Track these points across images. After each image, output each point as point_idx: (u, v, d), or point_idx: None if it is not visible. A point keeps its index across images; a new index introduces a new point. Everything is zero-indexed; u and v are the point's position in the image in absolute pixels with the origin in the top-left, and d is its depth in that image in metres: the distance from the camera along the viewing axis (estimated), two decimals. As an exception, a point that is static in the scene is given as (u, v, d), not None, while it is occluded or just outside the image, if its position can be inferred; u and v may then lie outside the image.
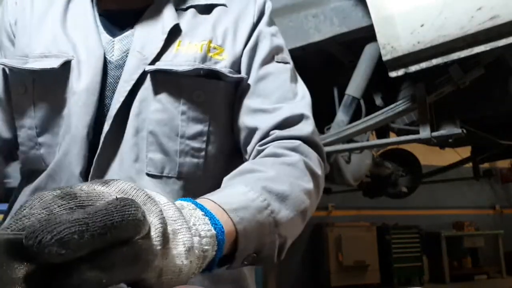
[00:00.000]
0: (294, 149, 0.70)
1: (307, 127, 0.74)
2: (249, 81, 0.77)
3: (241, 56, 0.78)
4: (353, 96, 1.90)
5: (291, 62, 0.84)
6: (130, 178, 0.70)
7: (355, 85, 1.88)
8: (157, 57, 0.74)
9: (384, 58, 1.53)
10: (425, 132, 1.73)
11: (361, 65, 1.86)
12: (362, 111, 1.96)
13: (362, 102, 1.94)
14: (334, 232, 6.20)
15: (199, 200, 0.51)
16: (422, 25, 1.44)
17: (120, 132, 0.72)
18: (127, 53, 0.75)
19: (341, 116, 1.94)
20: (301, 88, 0.82)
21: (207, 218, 0.47)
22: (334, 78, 2.17)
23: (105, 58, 0.74)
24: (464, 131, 1.77)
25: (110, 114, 0.71)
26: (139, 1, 0.81)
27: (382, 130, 2.59)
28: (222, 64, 0.76)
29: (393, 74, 1.55)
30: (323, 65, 2.11)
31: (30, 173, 0.77)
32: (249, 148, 0.75)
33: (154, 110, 0.72)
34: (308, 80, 2.26)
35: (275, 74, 0.79)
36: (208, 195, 0.55)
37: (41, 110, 0.74)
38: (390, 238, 6.46)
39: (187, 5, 0.81)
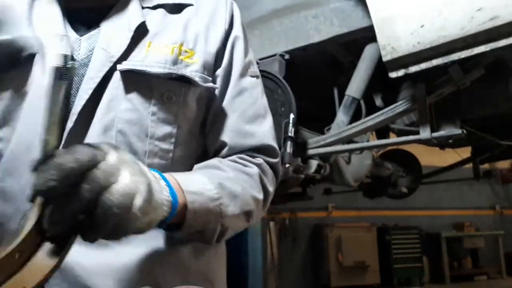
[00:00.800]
0: (256, 165, 0.81)
1: (275, 158, 0.85)
2: (226, 96, 0.82)
3: (212, 61, 0.80)
4: (353, 96, 1.90)
5: (259, 74, 0.90)
6: None
7: (355, 86, 1.88)
8: (125, 56, 0.74)
9: (384, 59, 1.53)
10: (425, 133, 1.73)
11: (361, 66, 1.86)
12: (362, 112, 1.96)
13: (362, 102, 1.94)
14: (334, 232, 6.20)
15: (166, 175, 0.64)
16: (422, 26, 1.44)
17: (85, 129, 0.71)
18: (92, 52, 0.74)
19: (341, 116, 1.94)
20: (266, 103, 0.89)
21: (167, 187, 0.62)
22: (334, 78, 2.17)
23: (72, 57, 0.73)
24: (464, 131, 1.77)
25: (74, 111, 0.70)
26: (105, 1, 0.80)
27: (382, 130, 2.59)
28: (193, 67, 0.77)
29: (393, 74, 1.55)
30: (323, 66, 2.11)
31: None
32: (217, 155, 0.82)
33: (124, 109, 0.72)
34: (309, 81, 2.27)
35: (249, 90, 0.85)
36: (175, 174, 0.67)
37: (2, 102, 0.72)
38: (390, 239, 6.46)
39: (154, 3, 0.81)
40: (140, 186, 0.54)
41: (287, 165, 1.76)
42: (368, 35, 1.69)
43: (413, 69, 1.51)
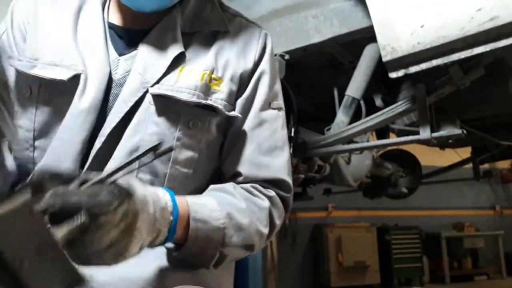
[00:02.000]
0: (268, 197, 0.81)
1: (288, 192, 0.85)
2: (245, 126, 0.83)
3: (236, 91, 0.82)
4: (353, 97, 1.90)
5: (283, 107, 0.90)
6: None
7: (355, 86, 1.88)
8: (159, 80, 0.76)
9: (384, 59, 1.53)
10: (425, 133, 1.73)
11: (361, 66, 1.86)
12: (362, 112, 1.96)
13: (362, 102, 1.94)
14: (334, 232, 6.20)
15: (177, 198, 0.68)
16: (422, 26, 1.44)
17: (111, 150, 0.73)
18: (129, 73, 0.76)
19: (341, 116, 1.94)
20: (286, 132, 0.89)
21: (171, 217, 0.65)
22: (334, 78, 2.17)
23: (110, 76, 0.77)
24: (464, 131, 1.77)
25: (103, 132, 0.73)
26: (146, 21, 0.82)
27: (382, 130, 2.59)
28: (219, 95, 0.79)
29: (393, 75, 1.55)
30: (323, 66, 2.11)
31: (20, 172, 0.79)
32: (228, 179, 0.84)
33: (151, 133, 0.74)
34: (309, 81, 2.26)
35: (269, 122, 0.85)
36: (188, 197, 0.71)
37: (42, 115, 0.76)
38: (390, 239, 6.46)
39: (193, 30, 0.83)
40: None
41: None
42: (368, 35, 1.69)
43: (413, 69, 1.51)
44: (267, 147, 0.84)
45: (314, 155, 2.07)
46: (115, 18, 0.83)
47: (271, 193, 0.82)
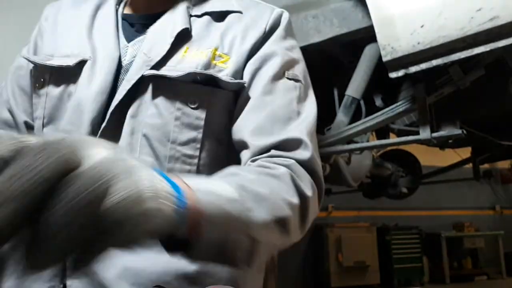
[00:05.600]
0: (285, 166, 0.66)
1: (305, 153, 0.71)
2: (255, 94, 0.75)
3: (244, 64, 0.76)
4: (353, 96, 1.90)
5: (304, 79, 0.81)
6: None
7: (355, 86, 1.88)
8: (163, 61, 0.75)
9: (384, 59, 1.53)
10: (425, 133, 1.73)
11: (361, 66, 1.86)
12: (362, 112, 1.96)
13: (362, 102, 1.94)
14: (334, 232, 6.20)
15: (169, 174, 0.47)
16: (422, 26, 1.44)
17: (118, 130, 0.73)
18: (135, 57, 0.77)
19: (341, 117, 1.94)
20: (309, 107, 0.78)
21: (169, 184, 0.44)
22: (334, 78, 2.17)
23: (120, 62, 0.78)
24: (464, 132, 1.77)
25: (109, 112, 0.73)
26: (156, 7, 0.83)
27: (382, 131, 2.59)
28: (225, 72, 0.75)
29: (393, 75, 1.55)
30: (323, 66, 2.11)
31: None
32: (242, 161, 0.73)
33: (150, 115, 0.73)
34: (308, 81, 2.23)
35: (283, 92, 0.76)
36: (182, 176, 0.51)
37: (50, 102, 0.78)
38: (390, 239, 6.46)
39: (203, 11, 0.81)
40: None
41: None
42: (368, 35, 1.69)
43: (413, 69, 1.51)
44: (281, 116, 0.73)
45: (314, 155, 2.07)
46: (130, 9, 0.86)
47: (289, 161, 0.68)
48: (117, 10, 0.85)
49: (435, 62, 1.47)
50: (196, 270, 0.66)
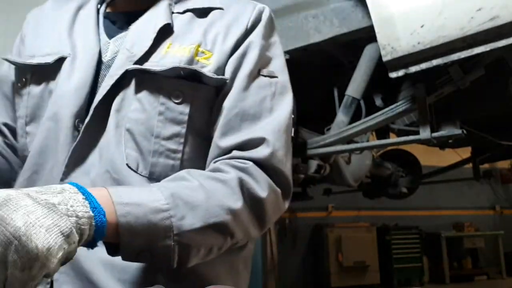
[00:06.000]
0: (239, 168, 0.69)
1: (264, 150, 0.72)
2: (232, 91, 0.76)
3: (226, 61, 0.77)
4: (353, 96, 1.90)
5: (282, 76, 0.82)
6: (107, 171, 0.72)
7: (355, 86, 1.88)
8: (146, 57, 0.75)
9: (384, 59, 1.53)
10: (425, 133, 1.73)
11: (361, 66, 1.86)
12: (362, 112, 1.96)
13: (362, 102, 1.94)
14: (334, 232, 6.20)
15: (92, 189, 0.56)
16: (422, 26, 1.44)
17: (102, 125, 0.74)
18: (117, 53, 0.77)
19: (341, 116, 1.94)
20: (283, 104, 0.79)
21: (87, 201, 0.52)
22: (334, 78, 2.17)
23: (100, 59, 0.78)
24: (464, 131, 1.77)
25: (92, 106, 0.74)
26: (138, 5, 0.83)
27: (382, 130, 2.59)
28: (207, 68, 0.75)
29: (393, 74, 1.55)
30: (323, 66, 2.11)
31: (23, 161, 0.81)
32: (207, 161, 0.75)
33: (134, 109, 0.74)
34: (309, 81, 2.26)
35: (256, 89, 0.77)
36: (109, 186, 0.59)
37: (32, 100, 0.80)
38: (390, 239, 6.46)
39: (185, 8, 0.82)
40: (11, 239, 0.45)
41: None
42: (368, 35, 1.69)
43: (413, 69, 1.51)
44: (251, 114, 0.74)
45: (314, 155, 2.07)
46: (112, 7, 0.87)
47: (247, 163, 0.69)
48: (98, 9, 0.87)
49: (435, 62, 1.47)
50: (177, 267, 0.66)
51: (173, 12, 0.81)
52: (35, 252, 0.45)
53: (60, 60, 0.78)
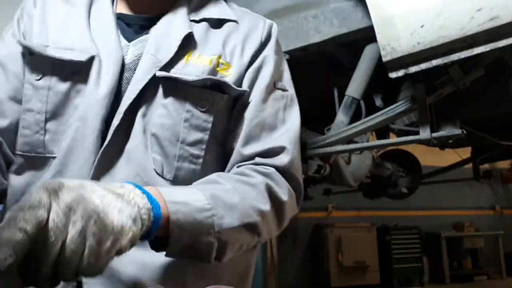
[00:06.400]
0: (264, 174, 0.76)
1: (285, 158, 0.80)
2: (251, 102, 0.82)
3: (244, 73, 0.83)
4: (353, 97, 1.90)
5: (290, 89, 0.90)
6: (138, 174, 0.74)
7: (355, 86, 1.88)
8: (170, 63, 0.78)
9: (384, 59, 1.53)
10: (425, 133, 1.73)
11: (361, 66, 1.86)
12: (362, 112, 1.95)
13: (362, 103, 1.94)
14: (334, 232, 6.20)
15: (147, 188, 0.60)
16: (422, 26, 1.44)
17: (129, 129, 0.76)
18: (139, 57, 0.79)
19: (341, 117, 1.93)
20: (293, 115, 0.87)
21: (145, 195, 0.57)
22: (334, 78, 2.17)
23: (123, 60, 0.79)
24: (464, 132, 1.77)
25: (120, 110, 0.75)
26: (154, 9, 0.85)
27: (382, 131, 2.59)
28: (227, 79, 0.80)
29: (393, 75, 1.55)
30: (323, 66, 2.11)
31: (29, 158, 0.78)
32: (228, 166, 0.81)
33: (159, 115, 0.76)
34: (309, 81, 2.27)
35: (272, 102, 0.84)
36: (160, 187, 0.64)
37: (56, 97, 0.78)
38: (390, 239, 6.46)
39: (200, 17, 0.85)
40: (72, 217, 0.49)
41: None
42: (368, 35, 1.69)
43: (413, 69, 1.51)
44: (269, 124, 0.82)
45: (314, 155, 2.07)
46: (123, 8, 0.87)
47: (269, 169, 0.77)
48: (112, 9, 0.86)
49: (435, 62, 1.47)
50: (203, 266, 0.71)
51: (190, 20, 0.84)
52: (111, 227, 0.51)
53: (91, 60, 0.77)
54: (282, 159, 0.79)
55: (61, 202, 0.49)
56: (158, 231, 0.59)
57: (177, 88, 0.77)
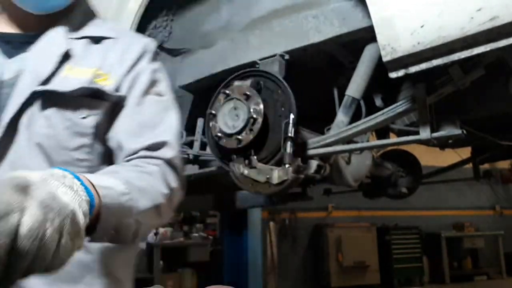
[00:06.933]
0: (155, 164, 0.85)
1: (169, 151, 0.90)
2: (129, 105, 0.92)
3: (122, 81, 0.91)
4: (353, 97, 1.89)
5: (167, 94, 1.00)
6: None
7: (355, 86, 1.88)
8: (50, 78, 0.85)
9: (384, 59, 1.53)
10: (425, 133, 1.73)
11: (361, 66, 1.86)
12: (362, 112, 1.95)
13: (362, 103, 1.93)
14: (334, 232, 6.21)
15: (78, 174, 0.64)
16: (422, 26, 1.44)
17: (11, 140, 0.82)
18: (19, 73, 0.85)
19: (341, 117, 1.93)
20: (172, 117, 0.96)
21: (82, 186, 0.61)
22: (334, 79, 2.16)
23: None
24: (464, 132, 1.77)
25: (2, 124, 0.81)
26: (34, 27, 0.92)
27: (382, 131, 2.58)
28: (106, 88, 0.89)
29: (393, 75, 1.55)
30: (323, 66, 2.11)
31: None
32: (116, 161, 0.90)
33: (42, 125, 0.83)
34: (309, 81, 2.27)
35: (148, 105, 0.94)
36: (84, 173, 0.67)
37: None
38: (390, 239, 6.47)
39: (81, 35, 0.94)
40: (50, 215, 0.52)
41: (287, 166, 1.76)
42: (368, 35, 1.69)
43: (413, 69, 1.51)
44: (149, 123, 0.91)
45: (314, 155, 2.06)
46: (4, 26, 0.93)
47: (158, 161, 0.86)
48: None
49: (435, 62, 1.47)
50: (92, 258, 0.83)
51: (70, 38, 0.92)
52: (80, 225, 0.56)
53: None
54: (166, 152, 0.89)
55: (34, 200, 0.52)
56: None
57: (57, 100, 0.84)
